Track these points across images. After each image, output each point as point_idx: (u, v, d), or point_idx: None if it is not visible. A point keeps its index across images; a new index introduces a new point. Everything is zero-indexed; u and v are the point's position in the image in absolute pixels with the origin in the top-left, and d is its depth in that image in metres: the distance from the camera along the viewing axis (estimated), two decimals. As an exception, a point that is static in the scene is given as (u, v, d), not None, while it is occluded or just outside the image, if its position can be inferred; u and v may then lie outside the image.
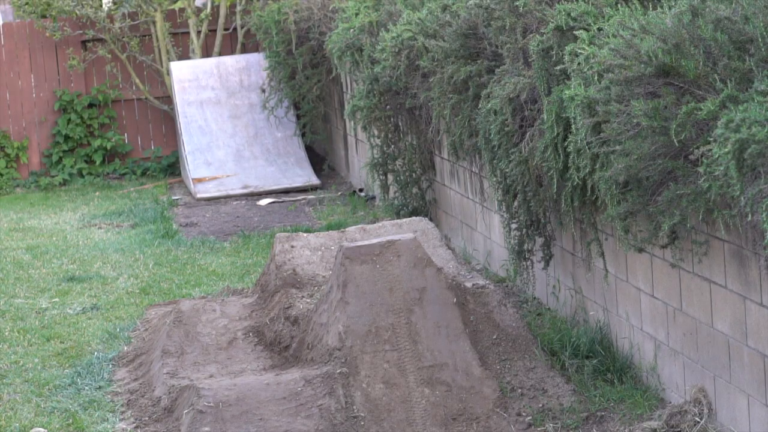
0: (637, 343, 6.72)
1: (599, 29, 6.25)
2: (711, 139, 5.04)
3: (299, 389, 6.64)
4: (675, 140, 5.33)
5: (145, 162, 15.22)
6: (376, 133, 10.48)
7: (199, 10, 15.10)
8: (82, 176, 14.99)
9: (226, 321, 7.95)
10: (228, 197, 13.41)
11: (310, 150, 14.34)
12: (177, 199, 13.52)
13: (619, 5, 6.36)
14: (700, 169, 5.14)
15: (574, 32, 6.38)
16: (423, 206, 10.26)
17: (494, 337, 6.95)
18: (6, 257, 10.97)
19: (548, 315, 7.79)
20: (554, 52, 6.56)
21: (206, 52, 15.07)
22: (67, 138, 15.05)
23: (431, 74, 8.65)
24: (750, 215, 4.95)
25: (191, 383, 6.94)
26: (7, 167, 14.95)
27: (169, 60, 14.84)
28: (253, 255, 10.50)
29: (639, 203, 5.85)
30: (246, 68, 14.47)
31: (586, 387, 6.67)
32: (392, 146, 10.43)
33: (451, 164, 9.53)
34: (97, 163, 15.10)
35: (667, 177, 5.61)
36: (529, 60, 6.98)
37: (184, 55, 15.20)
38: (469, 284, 7.27)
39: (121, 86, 15.24)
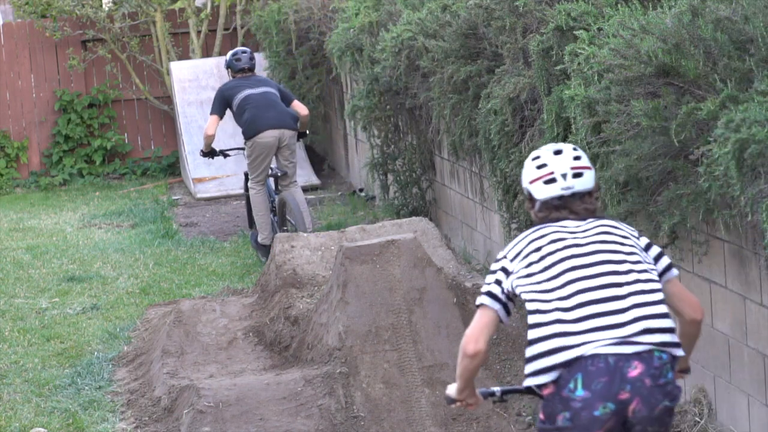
0: (637, 343, 6.70)
1: (599, 29, 6.24)
2: (711, 139, 5.04)
3: (299, 389, 6.64)
4: (675, 140, 5.32)
5: (145, 162, 15.21)
6: (376, 133, 10.47)
7: (199, 10, 15.10)
8: (82, 176, 14.99)
9: (226, 321, 7.94)
10: (228, 197, 13.40)
11: (310, 150, 14.33)
12: (177, 199, 13.52)
13: (619, 5, 6.35)
14: (700, 169, 5.14)
15: (574, 32, 6.37)
16: (423, 206, 10.25)
17: (494, 337, 6.95)
18: (6, 257, 10.97)
19: (548, 315, 7.77)
20: (554, 52, 6.56)
21: (206, 52, 15.06)
22: (67, 138, 15.05)
23: (431, 74, 8.65)
24: (750, 215, 4.95)
25: (191, 383, 6.94)
26: (7, 167, 14.95)
27: (169, 60, 14.84)
28: (253, 255, 10.50)
29: (639, 203, 5.84)
30: (246, 68, 14.43)
31: (586, 387, 6.66)
32: (392, 146, 10.42)
33: (451, 164, 9.53)
34: (97, 163, 15.10)
35: (667, 177, 5.60)
36: (529, 60, 6.98)
37: (184, 55, 15.19)
38: (469, 284, 7.27)
39: (121, 86, 15.24)
